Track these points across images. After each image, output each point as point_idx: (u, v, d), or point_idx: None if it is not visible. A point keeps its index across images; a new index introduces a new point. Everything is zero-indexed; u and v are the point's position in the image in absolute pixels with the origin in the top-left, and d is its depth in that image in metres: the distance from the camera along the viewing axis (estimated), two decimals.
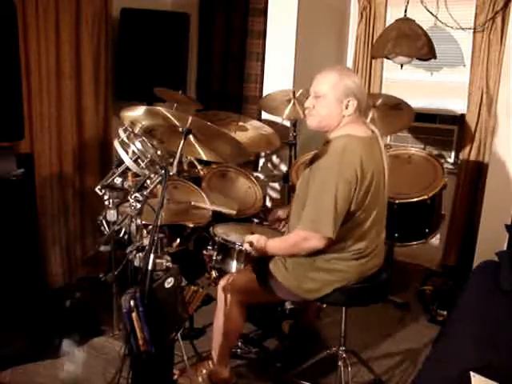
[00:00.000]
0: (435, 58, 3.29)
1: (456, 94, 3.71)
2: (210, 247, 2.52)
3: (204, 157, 2.20)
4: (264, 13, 3.82)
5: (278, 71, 3.67)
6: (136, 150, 1.80)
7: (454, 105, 3.74)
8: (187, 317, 2.26)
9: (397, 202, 2.84)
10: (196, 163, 3.27)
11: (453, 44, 3.70)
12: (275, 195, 3.90)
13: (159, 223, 1.67)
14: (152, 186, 1.80)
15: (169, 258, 1.76)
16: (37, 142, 2.96)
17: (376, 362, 2.56)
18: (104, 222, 2.12)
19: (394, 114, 3.24)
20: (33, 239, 2.66)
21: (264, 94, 3.73)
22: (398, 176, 2.74)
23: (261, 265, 2.15)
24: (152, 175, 1.81)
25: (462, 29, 3.59)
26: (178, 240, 2.63)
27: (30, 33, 2.81)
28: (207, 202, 2.65)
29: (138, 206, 1.78)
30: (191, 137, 1.99)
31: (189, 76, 4.02)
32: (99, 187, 1.93)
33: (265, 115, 3.76)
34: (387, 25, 3.58)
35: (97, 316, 2.77)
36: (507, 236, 2.93)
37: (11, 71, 2.35)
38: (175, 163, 1.88)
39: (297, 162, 3.31)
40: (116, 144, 1.83)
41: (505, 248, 2.95)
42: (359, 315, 2.67)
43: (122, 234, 1.92)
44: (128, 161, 1.80)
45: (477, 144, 3.58)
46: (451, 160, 3.74)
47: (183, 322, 2.01)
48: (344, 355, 2.23)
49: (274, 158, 3.92)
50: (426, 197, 2.87)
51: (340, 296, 2.03)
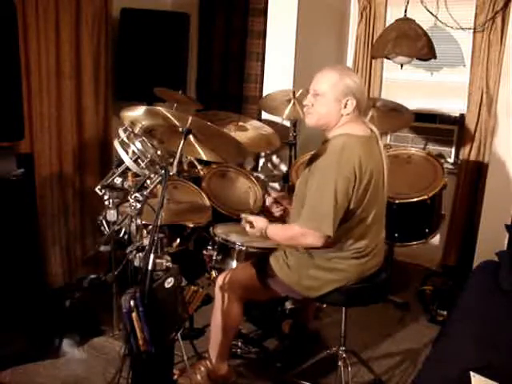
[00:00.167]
0: (435, 58, 3.29)
1: (456, 94, 3.71)
2: (210, 247, 2.52)
3: (204, 157, 2.20)
4: (264, 13, 3.82)
5: (278, 71, 3.67)
6: (136, 150, 1.80)
7: (454, 105, 3.73)
8: (187, 317, 2.26)
9: (397, 201, 2.84)
10: (196, 163, 3.27)
11: (453, 44, 3.70)
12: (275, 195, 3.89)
13: (159, 223, 1.67)
14: (152, 186, 1.80)
15: (169, 258, 1.76)
16: (37, 142, 2.96)
17: (376, 362, 2.56)
18: (104, 222, 2.12)
19: (393, 115, 3.24)
20: (33, 239, 2.65)
21: (264, 93, 3.73)
22: (397, 176, 2.74)
23: (261, 260, 2.16)
24: (152, 175, 1.81)
25: (462, 29, 3.59)
26: (178, 240, 2.63)
27: (30, 33, 2.81)
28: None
29: (138, 206, 1.78)
30: (191, 137, 1.99)
31: (189, 76, 4.02)
32: (99, 187, 1.93)
33: (265, 115, 3.76)
34: (387, 25, 3.57)
35: (97, 316, 2.77)
36: (507, 236, 2.93)
37: (11, 71, 2.34)
38: (175, 163, 1.88)
39: (297, 162, 3.31)
40: (116, 144, 1.84)
41: (505, 248, 2.95)
42: (359, 315, 2.67)
43: (122, 234, 1.93)
44: (128, 161, 1.80)
45: (477, 144, 3.58)
46: (451, 160, 3.74)
47: (183, 322, 2.01)
48: (344, 355, 2.23)
49: (274, 158, 3.92)
50: (425, 197, 2.87)
51: (340, 296, 2.03)
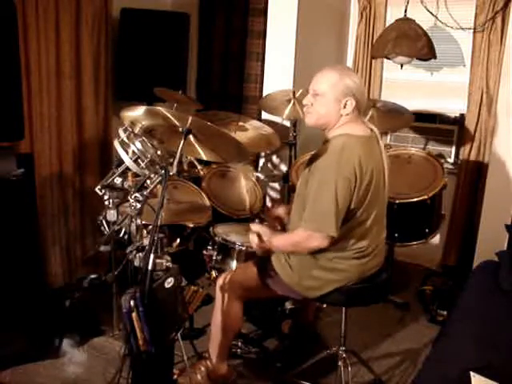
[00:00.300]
0: (435, 58, 3.29)
1: (456, 94, 3.71)
2: (210, 247, 2.52)
3: (204, 157, 2.20)
4: (264, 13, 3.82)
5: (278, 71, 3.67)
6: (136, 150, 1.80)
7: (454, 105, 3.73)
8: (187, 317, 2.26)
9: (397, 201, 2.84)
10: (196, 163, 3.27)
11: (453, 44, 3.70)
12: (275, 195, 3.89)
13: (159, 223, 1.67)
14: (152, 186, 1.80)
15: (169, 258, 1.76)
16: (37, 142, 2.96)
17: (376, 362, 2.56)
18: (104, 222, 2.12)
19: (393, 115, 3.24)
20: (33, 239, 2.65)
21: (264, 93, 3.72)
22: (398, 176, 2.75)
23: (263, 260, 2.16)
24: (152, 175, 1.81)
25: (462, 29, 3.59)
26: (178, 240, 2.64)
27: (30, 33, 2.81)
28: None
29: (138, 206, 1.78)
30: (191, 137, 1.99)
31: (189, 76, 4.02)
32: (99, 187, 1.93)
33: (265, 115, 3.76)
34: (387, 25, 3.57)
35: (97, 316, 2.77)
36: (507, 236, 2.93)
37: (11, 71, 2.34)
38: (175, 163, 1.88)
39: (297, 162, 3.31)
40: (116, 144, 1.84)
41: (505, 248, 2.94)
42: (359, 315, 2.67)
43: (122, 234, 1.93)
44: (128, 161, 1.80)
45: (477, 144, 3.57)
46: (451, 160, 3.74)
47: (183, 322, 2.01)
48: (344, 355, 2.23)
49: (274, 158, 3.91)
50: (425, 197, 2.87)
51: (340, 296, 2.03)
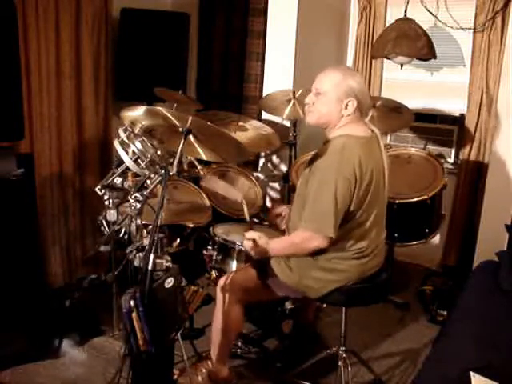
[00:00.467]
0: (435, 58, 3.29)
1: (456, 94, 3.71)
2: (210, 247, 2.52)
3: (204, 157, 2.20)
4: (264, 13, 3.82)
5: (278, 71, 3.67)
6: (136, 150, 1.80)
7: (454, 105, 3.73)
8: (187, 317, 2.26)
9: (397, 201, 2.84)
10: (196, 163, 3.26)
11: (453, 44, 3.70)
12: (275, 195, 3.89)
13: (159, 223, 1.67)
14: (152, 186, 1.80)
15: (169, 258, 1.76)
16: (37, 142, 2.96)
17: (376, 362, 2.56)
18: (104, 222, 2.12)
19: (393, 116, 3.24)
20: (33, 239, 2.65)
21: (264, 93, 3.73)
22: (397, 176, 2.74)
23: (262, 262, 2.15)
24: (152, 175, 1.81)
25: (462, 29, 3.59)
26: (178, 240, 2.64)
27: (30, 33, 2.81)
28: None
29: (138, 206, 1.78)
30: (191, 137, 1.99)
31: (189, 76, 4.02)
32: (99, 187, 1.93)
33: (265, 115, 3.76)
34: (387, 25, 3.57)
35: (97, 316, 2.77)
36: (507, 236, 2.93)
37: (11, 71, 2.34)
38: (175, 163, 1.88)
39: (297, 162, 3.31)
40: (116, 144, 1.84)
41: (505, 248, 2.94)
42: (359, 315, 2.67)
43: (122, 234, 1.92)
44: (128, 161, 1.80)
45: (477, 144, 3.57)
46: (451, 160, 3.74)
47: (183, 322, 2.01)
48: (344, 355, 2.23)
49: (274, 158, 3.92)
50: (425, 197, 2.87)
51: (340, 296, 2.03)
